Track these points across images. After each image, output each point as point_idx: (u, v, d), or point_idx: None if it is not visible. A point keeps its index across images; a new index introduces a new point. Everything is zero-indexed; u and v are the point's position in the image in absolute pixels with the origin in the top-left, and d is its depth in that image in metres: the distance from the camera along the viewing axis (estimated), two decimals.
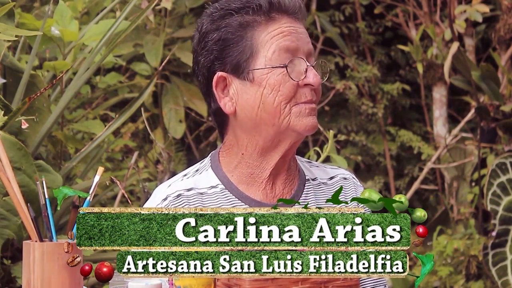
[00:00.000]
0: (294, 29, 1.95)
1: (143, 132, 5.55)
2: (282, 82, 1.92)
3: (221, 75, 1.95)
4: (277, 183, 2.00)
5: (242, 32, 1.94)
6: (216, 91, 1.96)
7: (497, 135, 5.29)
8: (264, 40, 1.93)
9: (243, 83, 1.94)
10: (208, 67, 1.97)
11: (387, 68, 6.66)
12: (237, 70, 1.94)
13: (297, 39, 1.95)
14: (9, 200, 2.67)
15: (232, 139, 2.00)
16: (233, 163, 2.00)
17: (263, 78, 1.92)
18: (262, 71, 1.92)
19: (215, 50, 1.95)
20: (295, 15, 1.98)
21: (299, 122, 1.93)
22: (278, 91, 1.92)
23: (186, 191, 1.97)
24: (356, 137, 6.19)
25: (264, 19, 1.94)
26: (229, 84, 1.95)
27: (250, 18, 1.94)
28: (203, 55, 1.97)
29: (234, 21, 1.94)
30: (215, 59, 1.95)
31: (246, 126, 1.96)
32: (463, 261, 5.08)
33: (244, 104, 1.95)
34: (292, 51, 1.93)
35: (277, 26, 1.94)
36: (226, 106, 1.96)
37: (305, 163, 2.10)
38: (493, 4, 5.96)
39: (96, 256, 3.31)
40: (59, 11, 3.51)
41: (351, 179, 2.11)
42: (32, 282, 1.58)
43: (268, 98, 1.92)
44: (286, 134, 1.95)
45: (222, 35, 1.94)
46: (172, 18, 5.46)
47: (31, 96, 2.83)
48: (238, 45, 1.93)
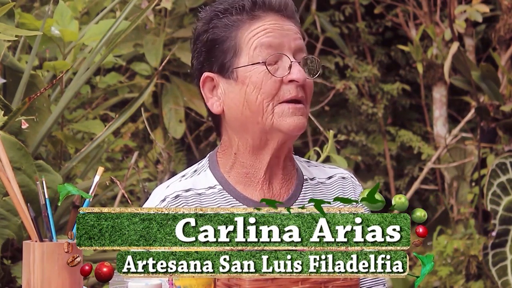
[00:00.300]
0: (278, 26, 1.95)
1: (143, 132, 5.55)
2: (263, 80, 1.92)
3: (208, 75, 1.97)
4: (274, 183, 2.00)
5: (227, 33, 1.95)
6: (203, 91, 1.99)
7: (497, 135, 5.29)
8: (247, 38, 1.94)
9: (228, 82, 1.96)
10: (199, 68, 2.00)
11: (387, 68, 6.66)
12: (223, 69, 1.95)
13: (281, 35, 1.95)
14: (9, 200, 2.67)
15: (227, 140, 2.02)
16: (229, 163, 2.01)
17: (246, 76, 1.93)
18: (245, 69, 1.93)
19: (203, 51, 1.98)
20: (281, 13, 1.97)
21: (282, 122, 1.93)
22: (260, 88, 1.92)
23: (184, 192, 1.98)
24: (356, 137, 6.19)
25: (247, 18, 1.95)
26: (217, 84, 1.97)
27: (234, 18, 1.96)
28: (195, 57, 2.01)
29: (220, 22, 1.96)
30: (204, 61, 1.98)
31: (234, 126, 1.98)
32: (463, 261, 5.08)
33: (230, 103, 1.96)
34: (275, 47, 1.93)
35: (261, 24, 1.95)
36: (213, 106, 1.98)
37: (304, 163, 2.10)
38: (493, 4, 5.96)
39: (96, 256, 3.31)
40: (59, 11, 3.51)
41: (349, 179, 2.11)
42: (32, 282, 1.58)
43: (251, 96, 1.93)
44: (272, 133, 1.95)
45: (210, 36, 1.97)
46: (172, 18, 5.46)
47: (31, 96, 2.83)
48: (223, 45, 1.95)
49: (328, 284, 1.55)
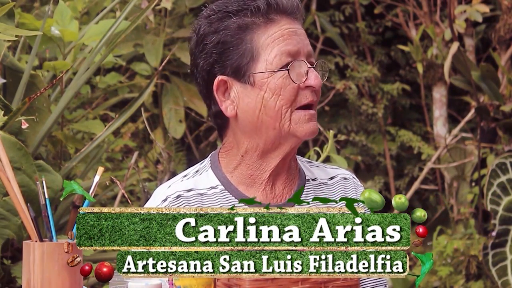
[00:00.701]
0: (293, 31, 1.95)
1: (143, 132, 5.55)
2: (282, 86, 1.92)
3: (222, 78, 1.94)
4: (277, 183, 2.00)
5: (242, 35, 1.93)
6: (217, 94, 1.95)
7: (497, 135, 5.29)
8: (265, 43, 1.92)
9: (244, 86, 1.94)
10: (207, 70, 1.96)
11: (387, 68, 6.66)
12: (238, 73, 1.93)
13: (297, 41, 1.94)
14: (9, 200, 2.67)
15: (232, 141, 2.00)
16: (232, 164, 2.00)
17: (264, 82, 1.92)
18: (263, 75, 1.92)
19: (214, 53, 1.94)
20: (293, 15, 1.97)
21: (299, 128, 1.93)
22: (279, 95, 1.92)
23: (186, 192, 1.97)
24: (356, 137, 6.19)
25: (263, 21, 1.93)
26: (230, 88, 1.94)
27: (248, 20, 1.93)
28: (202, 58, 1.96)
29: (233, 23, 1.93)
30: (215, 62, 1.95)
31: (246, 129, 1.96)
32: (463, 261, 5.08)
33: (245, 107, 1.94)
34: (293, 54, 1.93)
35: (277, 29, 1.94)
36: (227, 109, 1.95)
37: (306, 163, 2.10)
38: (493, 4, 5.96)
39: (96, 256, 3.31)
40: (59, 11, 3.51)
41: (351, 179, 2.11)
42: (32, 282, 1.58)
43: (269, 102, 1.92)
44: (286, 138, 1.95)
45: (221, 38, 1.93)
46: (172, 18, 5.46)
47: (31, 96, 2.83)
48: (238, 48, 1.92)
49: (328, 284, 1.55)
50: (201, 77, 1.98)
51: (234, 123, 1.98)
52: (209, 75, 1.96)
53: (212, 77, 1.95)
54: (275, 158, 1.97)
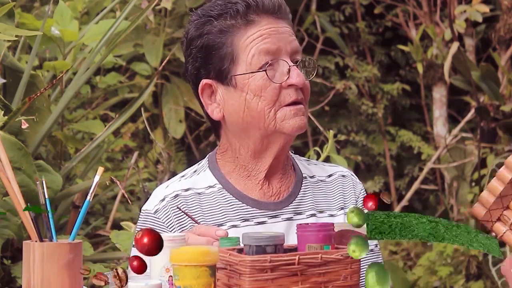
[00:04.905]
0: (274, 30, 1.94)
1: (143, 132, 5.55)
2: (263, 87, 1.92)
3: (206, 82, 1.96)
4: (273, 182, 2.02)
5: (223, 38, 1.94)
6: (202, 98, 1.98)
7: (497, 135, 5.29)
8: (244, 44, 1.93)
9: (227, 89, 1.95)
10: (195, 74, 1.99)
11: (387, 68, 6.66)
12: (221, 76, 1.95)
13: (278, 40, 1.93)
14: (9, 200, 2.67)
15: (226, 143, 2.02)
16: (229, 166, 2.02)
17: (245, 84, 1.92)
18: (243, 77, 1.92)
19: (199, 57, 1.97)
20: (275, 15, 1.96)
21: (285, 125, 1.93)
22: (261, 96, 1.92)
23: (184, 191, 1.99)
24: (356, 137, 6.19)
25: (242, 23, 1.94)
26: (216, 91, 1.97)
27: (229, 23, 1.94)
28: (189, 62, 2.00)
29: (214, 27, 1.95)
30: (200, 67, 1.97)
31: (235, 131, 1.98)
32: (463, 261, 5.08)
33: (230, 109, 1.96)
34: (272, 53, 1.93)
35: (256, 30, 1.93)
36: (213, 112, 1.98)
37: (304, 161, 2.12)
38: (493, 4, 5.96)
39: (96, 256, 3.31)
40: (59, 11, 3.51)
41: (349, 176, 2.12)
42: (32, 282, 1.58)
43: (252, 103, 1.93)
44: (274, 137, 1.95)
45: (205, 42, 1.95)
46: (172, 18, 5.45)
47: (31, 96, 2.83)
48: (220, 52, 1.94)
49: (328, 284, 1.55)
50: (191, 80, 2.01)
51: (224, 126, 2.00)
52: (196, 79, 1.99)
53: (199, 81, 1.98)
54: (268, 158, 1.98)
